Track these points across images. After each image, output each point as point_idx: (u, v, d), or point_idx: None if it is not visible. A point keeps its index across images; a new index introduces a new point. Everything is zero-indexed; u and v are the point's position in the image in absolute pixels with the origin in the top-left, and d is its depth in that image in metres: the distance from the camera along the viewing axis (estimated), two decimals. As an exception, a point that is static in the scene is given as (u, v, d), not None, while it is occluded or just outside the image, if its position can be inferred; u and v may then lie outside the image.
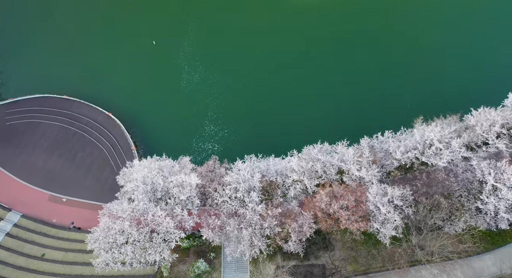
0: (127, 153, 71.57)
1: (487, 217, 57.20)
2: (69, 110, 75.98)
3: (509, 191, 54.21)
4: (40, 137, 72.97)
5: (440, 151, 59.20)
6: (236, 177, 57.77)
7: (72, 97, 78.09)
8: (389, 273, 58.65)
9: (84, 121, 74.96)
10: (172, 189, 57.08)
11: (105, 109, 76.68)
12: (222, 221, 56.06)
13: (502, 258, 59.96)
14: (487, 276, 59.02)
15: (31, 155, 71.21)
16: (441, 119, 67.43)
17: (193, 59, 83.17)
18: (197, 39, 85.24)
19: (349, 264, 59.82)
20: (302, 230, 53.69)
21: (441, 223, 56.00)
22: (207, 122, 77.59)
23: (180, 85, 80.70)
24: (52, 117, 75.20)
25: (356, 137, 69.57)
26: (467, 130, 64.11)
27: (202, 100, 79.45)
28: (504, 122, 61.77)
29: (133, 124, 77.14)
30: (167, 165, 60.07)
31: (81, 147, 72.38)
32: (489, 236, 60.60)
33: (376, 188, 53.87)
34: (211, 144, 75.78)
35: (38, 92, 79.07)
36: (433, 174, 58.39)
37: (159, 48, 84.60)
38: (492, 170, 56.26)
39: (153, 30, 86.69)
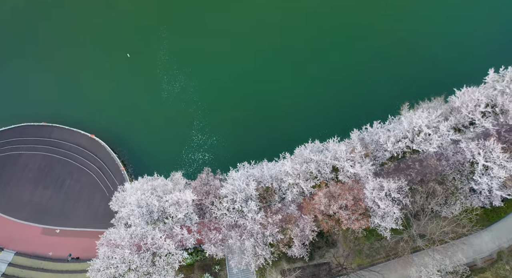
0: (116, 174, 69.61)
1: (481, 196, 58.48)
2: (50, 137, 73.02)
3: (500, 169, 55.33)
4: (23, 170, 70.14)
5: (429, 136, 59.69)
6: (232, 188, 57.00)
7: (50, 123, 75.00)
8: (393, 263, 59.66)
9: (67, 147, 72.27)
10: (169, 208, 55.96)
11: (87, 131, 74.06)
12: (223, 234, 55.49)
13: (499, 233, 61.70)
14: (486, 253, 60.68)
15: (16, 189, 68.48)
16: (426, 103, 68.01)
17: (171, 68, 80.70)
18: (172, 47, 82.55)
19: (354, 259, 60.48)
20: (304, 234, 53.68)
21: (438, 208, 56.97)
22: (194, 132, 76.04)
23: (162, 97, 78.46)
24: (32, 147, 72.25)
25: (346, 130, 69.61)
26: (453, 112, 64.76)
27: (186, 109, 77.60)
28: (488, 101, 62.58)
29: (119, 143, 74.89)
30: (160, 184, 58.74)
31: (67, 174, 69.96)
32: (484, 214, 62.09)
33: (373, 183, 54.06)
34: (201, 154, 74.49)
35: (14, 122, 75.75)
36: (425, 160, 58.96)
37: (135, 61, 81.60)
38: (481, 150, 57.19)
39: (125, 43, 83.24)
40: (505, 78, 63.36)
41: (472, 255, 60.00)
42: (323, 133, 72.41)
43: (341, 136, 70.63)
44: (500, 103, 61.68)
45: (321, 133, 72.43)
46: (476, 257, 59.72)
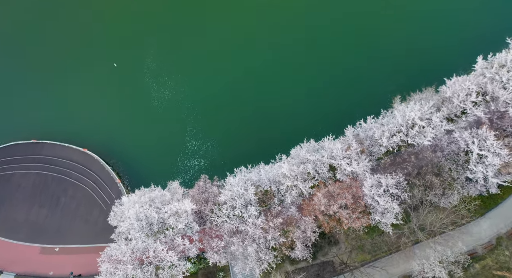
0: (112, 187, 68.68)
1: (477, 185, 59.07)
2: (41, 154, 71.58)
3: (494, 157, 55.84)
4: (16, 190, 68.80)
5: (423, 129, 59.94)
6: (230, 194, 56.69)
7: (40, 140, 73.40)
8: (396, 257, 60.12)
9: (60, 163, 70.95)
10: (168, 219, 55.50)
11: (79, 146, 72.72)
12: (225, 242, 55.29)
13: (496, 219, 62.46)
14: (485, 239, 61.46)
15: (11, 210, 67.25)
16: (418, 95, 68.13)
17: (160, 75, 79.38)
18: (159, 53, 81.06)
19: (356, 255, 60.83)
20: (306, 236, 53.72)
21: (436, 199, 57.37)
22: (188, 138, 75.22)
23: (152, 105, 77.22)
24: (24, 165, 70.82)
25: (340, 127, 69.41)
26: (445, 102, 65.04)
27: (178, 116, 76.61)
28: (479, 90, 62.91)
29: (112, 155, 73.78)
30: (157, 195, 58.14)
31: (62, 191, 68.81)
32: (482, 201, 62.74)
33: (371, 180, 54.16)
34: (197, 160, 73.84)
35: (2, 141, 74.11)
36: (420, 153, 59.28)
37: (122, 70, 79.99)
38: (475, 138, 57.65)
39: (111, 52, 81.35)
40: (494, 65, 63.67)
41: (472, 243, 60.73)
42: (317, 132, 72.36)
43: (335, 133, 70.51)
44: (490, 91, 62.09)
45: (315, 132, 72.34)
46: (476, 245, 60.52)
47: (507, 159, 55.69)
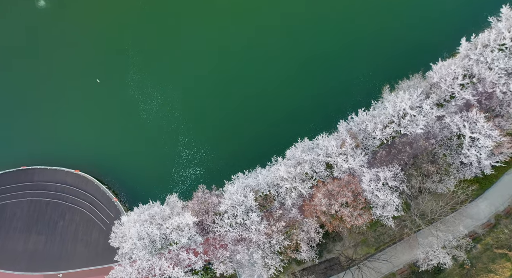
0: (110, 206, 67.65)
1: (472, 167, 59.80)
2: (33, 181, 69.91)
3: (486, 139, 56.48)
4: (11, 220, 67.24)
5: (414, 117, 60.16)
6: (231, 203, 56.32)
7: (30, 166, 71.53)
8: (399, 246, 60.89)
9: (53, 188, 69.45)
10: (170, 235, 54.98)
11: (71, 168, 71.16)
12: (230, 251, 55.13)
13: (493, 198, 63.64)
14: (484, 219, 62.67)
15: (8, 241, 65.83)
16: (405, 82, 68.20)
17: (145, 87, 77.68)
18: (142, 64, 79.10)
19: (361, 248, 61.42)
20: (310, 237, 53.86)
21: (434, 186, 57.97)
22: (181, 148, 74.26)
23: (141, 118, 75.74)
24: (16, 194, 69.09)
25: (332, 122, 69.53)
26: (433, 88, 65.24)
27: (168, 127, 75.42)
28: (465, 72, 63.18)
29: (106, 174, 72.49)
30: (157, 212, 57.45)
31: (59, 216, 67.55)
32: (477, 182, 63.70)
33: (368, 175, 54.28)
34: (192, 169, 73.09)
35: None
36: (414, 142, 59.59)
37: (106, 86, 77.95)
38: (466, 122, 58.16)
39: (92, 69, 78.98)
40: (478, 45, 63.84)
41: (472, 224, 61.86)
42: (310, 129, 72.22)
43: (328, 129, 70.32)
44: (476, 73, 62.41)
45: (308, 129, 72.19)
46: (476, 226, 61.64)
47: (499, 139, 56.37)
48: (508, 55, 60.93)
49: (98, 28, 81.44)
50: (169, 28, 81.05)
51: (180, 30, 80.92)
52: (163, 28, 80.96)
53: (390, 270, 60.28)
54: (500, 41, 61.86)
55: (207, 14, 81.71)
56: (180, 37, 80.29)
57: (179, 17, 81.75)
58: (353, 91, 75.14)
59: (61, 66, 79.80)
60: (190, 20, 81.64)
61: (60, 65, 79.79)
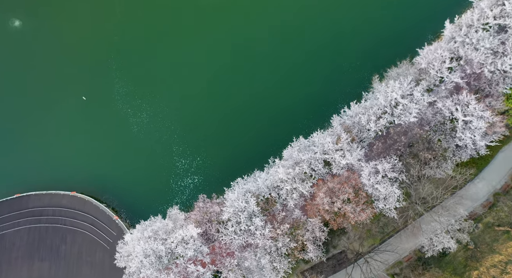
0: (111, 225, 66.78)
1: (467, 149, 60.32)
2: (28, 207, 68.46)
3: (478, 120, 56.88)
4: (11, 250, 66.03)
5: (407, 106, 60.17)
6: (233, 210, 56.00)
7: (24, 193, 69.94)
8: (403, 233, 61.53)
9: (50, 212, 68.20)
10: (176, 249, 54.59)
11: (66, 190, 69.84)
12: (237, 258, 55.04)
13: (490, 177, 64.52)
14: (483, 198, 63.61)
15: (10, 272, 64.93)
16: (394, 70, 68.05)
17: (133, 99, 76.02)
18: (126, 77, 77.20)
19: (366, 240, 61.95)
20: (315, 236, 53.99)
21: (432, 173, 58.40)
22: (176, 158, 73.37)
23: (132, 131, 74.32)
24: (13, 223, 67.75)
25: (325, 117, 69.32)
26: (422, 74, 65.22)
27: (160, 138, 74.28)
28: (452, 55, 63.17)
29: (103, 192, 71.35)
30: (160, 227, 56.88)
31: (60, 240, 66.52)
32: (473, 163, 64.44)
33: (367, 169, 54.32)
34: (190, 178, 72.41)
35: (-19, 202, 70.43)
36: (409, 131, 59.71)
37: (93, 102, 76.05)
38: (457, 105, 58.40)
39: (76, 86, 76.81)
40: (462, 27, 63.73)
41: (472, 205, 62.77)
42: (304, 125, 71.95)
43: (322, 124, 70.23)
44: (463, 54, 62.40)
45: (301, 126, 71.90)
46: (476, 206, 62.55)
47: (491, 119, 56.81)
48: (492, 34, 60.96)
49: (76, 45, 78.93)
50: (151, 38, 79.03)
51: (162, 38, 79.03)
52: (143, 38, 78.94)
53: (396, 258, 61.07)
54: (484, 21, 61.78)
55: (189, 18, 79.80)
56: (163, 45, 78.43)
57: (159, 25, 79.72)
58: (343, 83, 74.73)
59: (43, 87, 77.53)
60: (171, 27, 79.82)
61: (42, 87, 77.50)
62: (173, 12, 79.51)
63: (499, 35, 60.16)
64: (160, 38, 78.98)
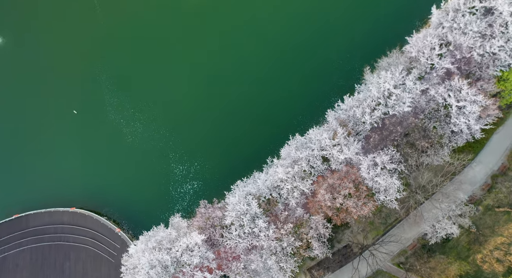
0: (114, 238, 66.30)
1: (463, 134, 60.68)
2: (29, 227, 67.64)
3: (472, 105, 57.14)
4: (14, 271, 65.35)
5: (400, 96, 60.17)
6: (235, 213, 55.88)
7: (23, 213, 69.03)
8: (405, 222, 61.92)
9: (52, 230, 67.46)
10: (182, 257, 54.44)
11: (65, 206, 69.04)
12: (243, 261, 55.07)
13: (486, 159, 64.84)
14: (481, 181, 64.03)
15: (17, 292, 64.21)
16: (385, 60, 67.87)
17: (125, 109, 74.96)
18: (116, 87, 75.90)
19: (369, 232, 62.28)
20: (319, 233, 54.13)
21: (430, 160, 58.69)
22: (174, 165, 72.84)
23: (127, 142, 73.52)
24: (14, 244, 66.92)
25: (319, 112, 69.26)
26: (413, 62, 65.12)
27: (156, 146, 73.58)
28: (441, 42, 63.08)
29: (103, 205, 70.75)
30: (163, 236, 56.60)
31: (64, 257, 65.96)
32: (470, 147, 64.84)
33: (366, 163, 54.37)
34: (189, 184, 72.04)
35: (-20, 225, 69.42)
36: (404, 121, 59.84)
37: (84, 115, 74.86)
38: (450, 91, 58.53)
39: (66, 100, 75.45)
40: (449, 11, 63.59)
41: (470, 188, 63.21)
42: (299, 122, 71.76)
43: (316, 119, 70.21)
44: (452, 40, 62.36)
45: (296, 123, 71.70)
46: (475, 189, 63.04)
47: (484, 103, 57.08)
48: (479, 17, 60.91)
49: (62, 59, 77.35)
50: (137, 46, 77.78)
51: (149, 45, 77.78)
52: (130, 46, 77.65)
53: (401, 247, 61.51)
54: (470, 4, 61.59)
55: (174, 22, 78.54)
56: (150, 52, 77.28)
57: (145, 32, 78.39)
58: (334, 76, 74.41)
59: (31, 104, 76.17)
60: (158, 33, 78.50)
61: (30, 104, 76.13)
62: (159, 18, 78.20)
63: (486, 18, 60.15)
64: (147, 45, 77.77)
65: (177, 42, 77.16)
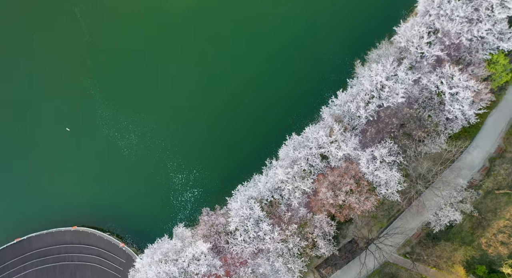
0: (119, 253, 65.80)
1: (458, 120, 60.88)
2: (31, 250, 66.81)
3: (465, 91, 57.26)
4: (21, 295, 64.74)
5: (393, 87, 60.11)
6: (239, 219, 55.70)
7: (24, 236, 68.17)
8: (408, 212, 62.18)
9: (55, 251, 66.74)
10: (189, 267, 54.21)
11: (67, 226, 68.33)
12: (251, 266, 55.01)
13: (483, 142, 65.16)
14: (479, 165, 64.45)
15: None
16: (374, 52, 67.70)
17: (118, 122, 74.03)
18: (107, 100, 74.73)
19: (373, 225, 62.50)
20: (324, 231, 54.17)
21: (428, 149, 58.86)
22: (172, 174, 72.35)
23: (123, 155, 72.75)
24: (19, 268, 66.12)
25: (313, 108, 69.13)
26: (403, 52, 65.03)
27: (153, 156, 72.96)
28: (429, 30, 62.96)
29: (105, 220, 70.13)
30: (169, 248, 56.30)
31: (70, 277, 65.24)
32: (465, 132, 65.10)
33: (364, 157, 54.32)
34: (190, 192, 71.67)
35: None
36: (399, 112, 59.85)
37: (77, 131, 73.75)
38: (442, 79, 58.58)
39: (58, 117, 74.31)
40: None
41: (469, 173, 63.60)
42: (294, 120, 71.54)
43: (311, 115, 70.11)
44: (439, 27, 62.29)
45: (291, 121, 71.47)
46: (473, 173, 63.43)
47: (476, 88, 57.22)
48: (465, 2, 60.82)
49: (49, 76, 75.98)
50: (123, 55, 76.77)
51: (135, 54, 76.78)
52: (116, 57, 76.60)
53: (405, 237, 61.83)
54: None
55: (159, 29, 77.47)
56: (138, 61, 76.31)
57: (129, 40, 77.31)
58: (325, 72, 74.18)
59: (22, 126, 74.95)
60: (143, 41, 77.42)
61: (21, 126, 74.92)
62: (144, 25, 77.05)
63: (471, 2, 60.10)
64: (134, 55, 76.81)
65: (165, 50, 76.17)
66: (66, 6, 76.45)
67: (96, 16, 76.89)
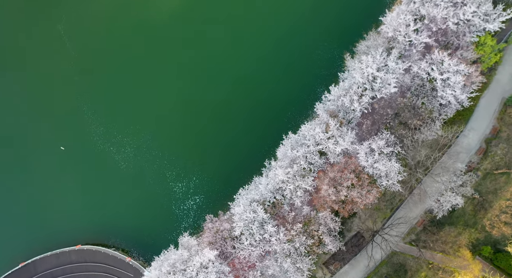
0: (126, 268, 65.46)
1: (451, 105, 61.07)
2: (37, 273, 66.27)
3: (455, 75, 57.36)
4: (32, 320, 64.11)
5: (384, 78, 60.03)
6: (243, 223, 55.54)
7: (28, 260, 67.44)
8: (410, 200, 62.40)
9: (60, 272, 66.24)
10: (197, 276, 54.03)
11: (71, 245, 67.72)
12: (260, 268, 54.97)
13: (477, 124, 65.41)
14: (476, 146, 64.74)
15: None
16: (362, 43, 67.51)
17: (113, 137, 73.30)
18: (99, 116, 73.97)
19: (377, 217, 62.72)
20: (329, 228, 54.25)
21: (424, 136, 59.01)
22: (172, 184, 71.94)
23: (120, 168, 72.19)
24: (26, 293, 65.64)
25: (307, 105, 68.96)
26: (391, 42, 64.89)
27: (151, 167, 72.46)
28: (415, 17, 62.78)
29: (108, 236, 69.62)
30: (176, 259, 56.00)
31: (79, 296, 65.03)
32: (460, 115, 65.33)
33: (363, 151, 54.31)
34: (191, 199, 71.36)
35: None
36: (393, 102, 59.83)
37: (72, 149, 73.02)
38: (432, 65, 58.60)
39: (51, 137, 73.45)
40: (418, -15, 63.05)
41: (467, 156, 63.86)
42: (288, 118, 71.36)
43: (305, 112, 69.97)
44: (425, 13, 62.16)
45: (286, 119, 71.30)
46: (471, 155, 63.73)
47: (467, 71, 57.35)
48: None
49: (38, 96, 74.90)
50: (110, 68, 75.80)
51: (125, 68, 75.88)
52: (103, 70, 75.58)
53: (410, 226, 62.17)
54: (436, -26, 61.32)
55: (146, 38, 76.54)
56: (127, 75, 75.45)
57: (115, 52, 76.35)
58: (315, 67, 74.01)
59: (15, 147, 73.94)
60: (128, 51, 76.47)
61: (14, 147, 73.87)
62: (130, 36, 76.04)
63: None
64: (123, 68, 75.90)
65: (154, 59, 75.47)
66: (48, 24, 75.13)
67: (80, 32, 75.75)
